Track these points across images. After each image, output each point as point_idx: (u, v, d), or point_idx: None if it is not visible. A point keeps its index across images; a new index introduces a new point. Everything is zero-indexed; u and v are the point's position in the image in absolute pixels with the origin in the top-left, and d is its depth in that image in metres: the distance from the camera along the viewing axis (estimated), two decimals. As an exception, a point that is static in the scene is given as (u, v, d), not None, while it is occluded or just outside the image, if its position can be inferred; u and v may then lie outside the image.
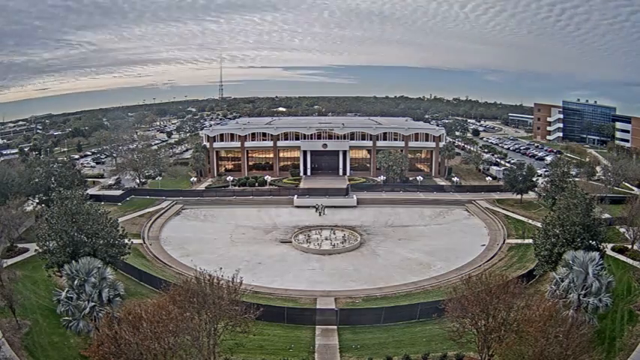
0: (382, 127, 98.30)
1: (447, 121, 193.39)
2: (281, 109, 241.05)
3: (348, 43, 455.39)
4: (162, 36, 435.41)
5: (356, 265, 51.41)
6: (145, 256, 51.80)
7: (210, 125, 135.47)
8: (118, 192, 77.17)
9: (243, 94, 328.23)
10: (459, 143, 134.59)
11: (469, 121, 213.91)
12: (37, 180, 62.50)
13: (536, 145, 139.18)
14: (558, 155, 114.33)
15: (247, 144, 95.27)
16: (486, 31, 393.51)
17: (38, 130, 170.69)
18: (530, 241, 47.21)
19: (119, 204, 70.60)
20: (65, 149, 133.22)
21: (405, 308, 37.74)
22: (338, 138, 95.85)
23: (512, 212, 67.43)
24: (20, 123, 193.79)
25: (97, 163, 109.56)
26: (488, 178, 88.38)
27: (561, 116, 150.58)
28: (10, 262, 44.32)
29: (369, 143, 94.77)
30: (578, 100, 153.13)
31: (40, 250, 39.85)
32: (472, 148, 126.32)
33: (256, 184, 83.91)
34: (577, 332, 24.32)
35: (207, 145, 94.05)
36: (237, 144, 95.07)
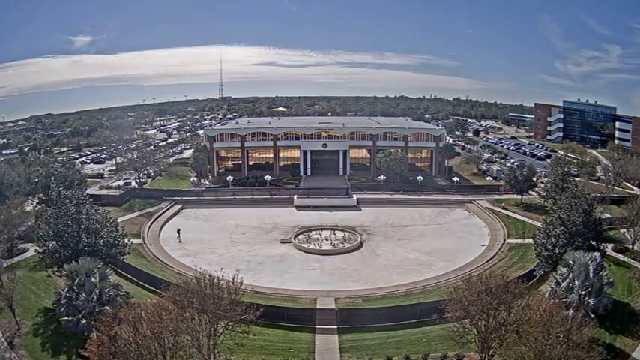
0: (382, 127, 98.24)
1: (447, 121, 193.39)
2: (281, 109, 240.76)
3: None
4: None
5: (356, 265, 51.36)
6: (145, 256, 51.75)
7: (210, 125, 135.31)
8: (118, 192, 77.09)
9: (243, 93, 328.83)
10: (460, 143, 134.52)
11: (469, 120, 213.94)
12: (36, 180, 62.49)
13: (536, 145, 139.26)
14: (552, 154, 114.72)
15: (247, 144, 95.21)
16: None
17: (38, 130, 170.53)
18: (531, 241, 47.22)
19: (119, 204, 70.47)
20: (65, 149, 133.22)
21: (405, 308, 37.69)
22: (338, 138, 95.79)
23: (513, 212, 67.40)
24: (20, 123, 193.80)
25: (96, 163, 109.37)
26: (489, 178, 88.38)
27: (561, 116, 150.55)
28: (10, 262, 44.24)
29: (369, 143, 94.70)
30: (579, 99, 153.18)
31: (40, 250, 39.91)
32: (472, 148, 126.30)
33: (256, 184, 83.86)
34: (577, 332, 24.29)
35: (207, 145, 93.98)
36: (237, 144, 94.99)
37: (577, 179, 72.30)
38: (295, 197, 75.37)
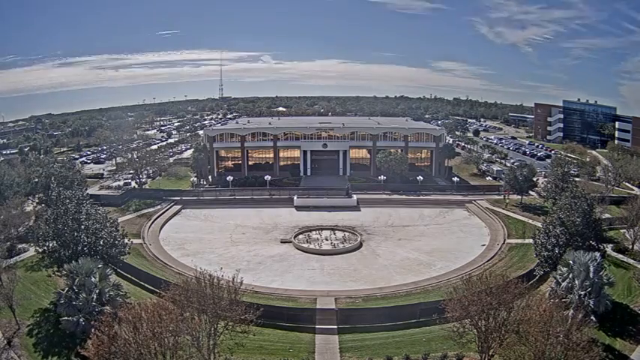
0: (382, 127, 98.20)
1: (447, 121, 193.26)
2: (281, 109, 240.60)
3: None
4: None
5: (356, 265, 51.34)
6: (145, 256, 51.72)
7: (210, 125, 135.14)
8: (118, 192, 77.05)
9: (243, 93, 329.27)
10: (460, 143, 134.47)
11: (469, 120, 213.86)
12: (36, 180, 62.50)
13: (536, 145, 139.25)
14: (551, 153, 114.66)
15: (247, 144, 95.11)
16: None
17: (38, 130, 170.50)
18: (531, 241, 47.23)
19: (119, 204, 70.41)
20: (65, 149, 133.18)
21: (405, 308, 37.69)
22: (338, 138, 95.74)
23: (513, 212, 67.38)
24: (20, 123, 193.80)
25: (96, 163, 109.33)
26: (489, 178, 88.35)
27: (561, 116, 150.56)
28: (10, 262, 44.19)
29: (369, 143, 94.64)
30: (579, 99, 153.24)
31: (40, 250, 39.94)
32: (472, 148, 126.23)
33: (256, 184, 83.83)
34: (577, 332, 24.30)
35: (207, 145, 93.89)
36: (237, 144, 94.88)
37: (577, 179, 72.35)
38: (295, 197, 75.34)
